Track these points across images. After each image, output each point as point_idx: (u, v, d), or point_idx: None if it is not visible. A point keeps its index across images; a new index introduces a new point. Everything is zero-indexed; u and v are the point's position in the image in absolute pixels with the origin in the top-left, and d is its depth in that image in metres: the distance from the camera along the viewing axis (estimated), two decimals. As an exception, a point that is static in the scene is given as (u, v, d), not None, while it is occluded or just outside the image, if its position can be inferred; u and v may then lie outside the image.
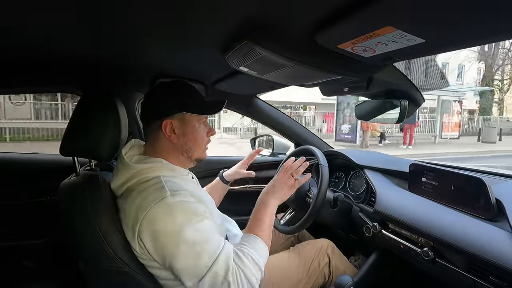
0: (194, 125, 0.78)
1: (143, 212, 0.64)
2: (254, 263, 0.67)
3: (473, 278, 0.71)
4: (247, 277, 0.65)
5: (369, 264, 1.05)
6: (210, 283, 0.62)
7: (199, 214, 0.67)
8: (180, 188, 0.69)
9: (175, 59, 0.93)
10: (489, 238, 0.71)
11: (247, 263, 0.66)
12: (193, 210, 0.66)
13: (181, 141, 0.77)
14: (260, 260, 0.69)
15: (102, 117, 0.75)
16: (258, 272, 0.68)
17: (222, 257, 0.64)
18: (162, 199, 0.65)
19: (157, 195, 0.66)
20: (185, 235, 0.63)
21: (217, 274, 0.62)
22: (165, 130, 0.74)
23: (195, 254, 0.62)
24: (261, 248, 0.72)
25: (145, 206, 0.65)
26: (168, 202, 0.65)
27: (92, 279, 0.73)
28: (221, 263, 0.63)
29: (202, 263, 0.62)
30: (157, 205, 0.64)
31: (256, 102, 1.49)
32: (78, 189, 0.73)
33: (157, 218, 0.63)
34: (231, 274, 0.63)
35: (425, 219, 0.86)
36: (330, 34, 0.53)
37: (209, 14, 0.55)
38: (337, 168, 1.36)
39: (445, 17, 0.43)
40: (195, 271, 0.62)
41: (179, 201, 0.66)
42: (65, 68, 0.96)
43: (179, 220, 0.63)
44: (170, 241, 0.63)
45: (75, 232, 0.72)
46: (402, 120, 0.93)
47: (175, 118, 0.75)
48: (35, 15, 0.56)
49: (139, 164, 0.72)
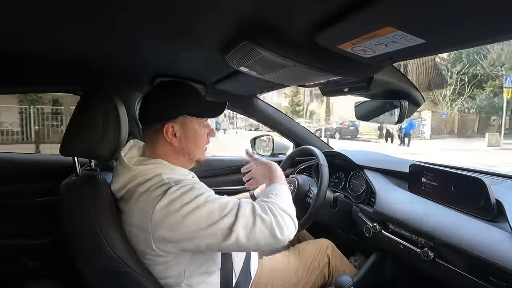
0: (196, 128, 0.78)
1: (151, 208, 0.64)
2: (283, 198, 0.73)
3: (473, 278, 0.71)
4: (282, 208, 0.69)
5: (369, 264, 1.05)
6: (243, 226, 0.64)
7: (205, 189, 0.69)
8: (182, 179, 0.70)
9: (175, 59, 0.92)
10: (489, 239, 0.71)
11: (278, 200, 0.72)
12: (198, 188, 0.68)
13: (182, 144, 0.76)
14: (289, 201, 0.75)
15: (102, 117, 0.75)
16: (292, 209, 0.73)
17: (244, 204, 0.67)
18: (167, 190, 0.65)
19: (162, 189, 0.66)
20: (201, 203, 0.64)
21: (247, 215, 0.65)
22: (167, 134, 0.74)
23: (217, 213, 0.64)
24: (287, 195, 0.78)
25: (151, 201, 0.65)
26: (172, 191, 0.65)
27: (92, 279, 0.73)
28: (244, 207, 0.67)
29: (229, 216, 0.64)
30: (163, 198, 0.64)
31: (256, 102, 1.49)
32: (78, 189, 0.73)
33: (169, 205, 0.64)
34: (260, 209, 0.67)
35: (425, 220, 0.86)
36: (330, 34, 0.53)
37: (209, 14, 0.55)
38: (337, 168, 1.36)
39: (445, 17, 0.43)
40: (224, 226, 0.64)
41: (183, 186, 0.67)
42: (65, 68, 0.95)
43: (189, 197, 0.65)
44: (189, 216, 0.63)
45: (75, 232, 0.72)
46: (402, 120, 0.94)
47: (177, 121, 0.75)
48: (35, 15, 0.56)
49: (139, 166, 0.72)
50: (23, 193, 1.20)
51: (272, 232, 0.66)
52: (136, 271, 0.68)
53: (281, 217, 0.68)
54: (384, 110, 1.01)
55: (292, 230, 0.69)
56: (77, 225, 0.70)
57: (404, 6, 0.41)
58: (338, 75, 0.76)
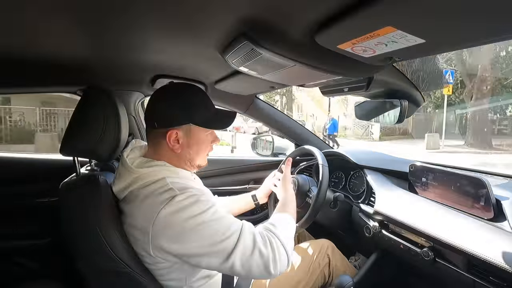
0: (200, 137, 0.76)
1: (154, 214, 0.63)
2: (287, 232, 0.72)
3: (473, 278, 0.71)
4: (282, 242, 0.69)
5: (369, 264, 1.05)
6: (241, 255, 0.63)
7: (211, 203, 0.67)
8: (186, 186, 0.69)
9: (175, 59, 0.92)
10: (489, 238, 0.71)
11: (279, 233, 0.70)
12: (205, 201, 0.67)
13: (184, 151, 0.75)
14: (291, 235, 0.74)
15: (102, 117, 0.75)
16: (291, 244, 0.72)
17: (246, 230, 0.66)
18: (172, 198, 0.64)
19: (167, 196, 0.65)
20: (205, 221, 0.63)
21: (246, 244, 0.64)
22: (169, 139, 0.72)
23: (219, 234, 0.63)
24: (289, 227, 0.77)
25: (155, 208, 0.64)
26: (178, 200, 0.64)
27: (92, 279, 0.73)
28: (246, 234, 0.65)
29: (230, 240, 0.63)
30: (167, 205, 0.63)
31: (256, 102, 1.49)
32: (78, 190, 0.73)
33: (172, 215, 0.63)
34: (260, 241, 0.66)
35: (425, 219, 0.86)
36: (330, 34, 0.53)
37: (209, 14, 0.55)
38: (337, 168, 1.36)
39: (445, 17, 0.43)
40: (223, 250, 0.63)
41: (190, 196, 0.65)
42: (65, 68, 0.95)
43: (194, 211, 0.64)
44: (192, 232, 0.62)
45: (75, 233, 0.72)
46: (402, 120, 0.94)
47: (181, 129, 0.73)
48: (35, 15, 0.56)
49: (142, 169, 0.71)
50: (23, 194, 1.20)
51: (266, 267, 0.65)
52: (136, 271, 0.68)
53: (279, 254, 0.67)
54: (384, 110, 1.01)
55: (284, 267, 0.69)
56: (77, 225, 0.70)
57: (404, 6, 0.41)
58: (338, 75, 0.76)
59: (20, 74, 1.03)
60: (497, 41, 0.51)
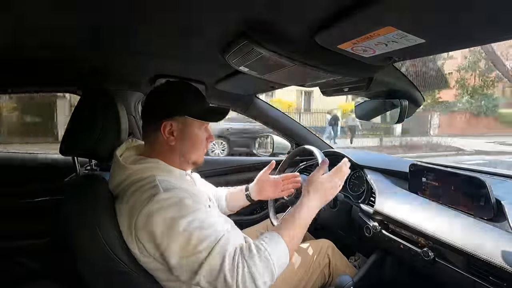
0: (194, 131, 0.77)
1: (136, 211, 0.63)
2: (267, 263, 0.62)
3: (473, 278, 0.71)
4: (253, 274, 0.59)
5: (369, 264, 1.05)
6: (207, 276, 0.60)
7: (192, 208, 0.64)
8: (174, 186, 0.68)
9: (175, 59, 0.92)
10: (489, 238, 0.71)
11: (257, 261, 0.61)
12: (186, 204, 0.64)
13: (179, 144, 0.75)
14: (275, 263, 0.63)
15: (102, 117, 0.75)
16: (268, 276, 0.62)
17: (217, 249, 0.60)
18: (155, 196, 0.64)
19: (150, 193, 0.65)
20: (179, 229, 0.61)
21: (212, 267, 0.59)
22: (164, 131, 0.73)
23: (190, 248, 0.60)
24: (281, 251, 0.66)
25: (139, 204, 0.64)
26: (160, 198, 0.63)
27: (92, 279, 0.73)
28: (216, 255, 0.60)
29: (197, 256, 0.60)
30: (150, 202, 0.63)
31: (256, 102, 1.49)
32: (78, 189, 0.73)
33: (151, 215, 0.62)
34: (228, 267, 0.59)
35: (425, 219, 0.85)
36: (330, 34, 0.53)
37: (209, 14, 0.55)
38: (337, 168, 1.36)
39: (445, 17, 0.43)
40: (191, 265, 0.61)
41: (172, 197, 0.64)
42: (65, 68, 0.95)
43: (172, 214, 0.62)
44: (165, 236, 0.62)
45: (75, 232, 0.72)
46: (402, 120, 0.94)
47: (176, 120, 0.74)
48: (35, 15, 0.56)
49: (134, 165, 0.71)
50: (23, 193, 1.20)
51: None
52: (136, 271, 0.68)
53: (246, 284, 0.59)
54: (384, 110, 1.01)
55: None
56: (76, 225, 0.70)
57: (404, 6, 0.41)
58: (338, 75, 0.76)
59: (20, 74, 1.03)
60: (498, 41, 0.51)
